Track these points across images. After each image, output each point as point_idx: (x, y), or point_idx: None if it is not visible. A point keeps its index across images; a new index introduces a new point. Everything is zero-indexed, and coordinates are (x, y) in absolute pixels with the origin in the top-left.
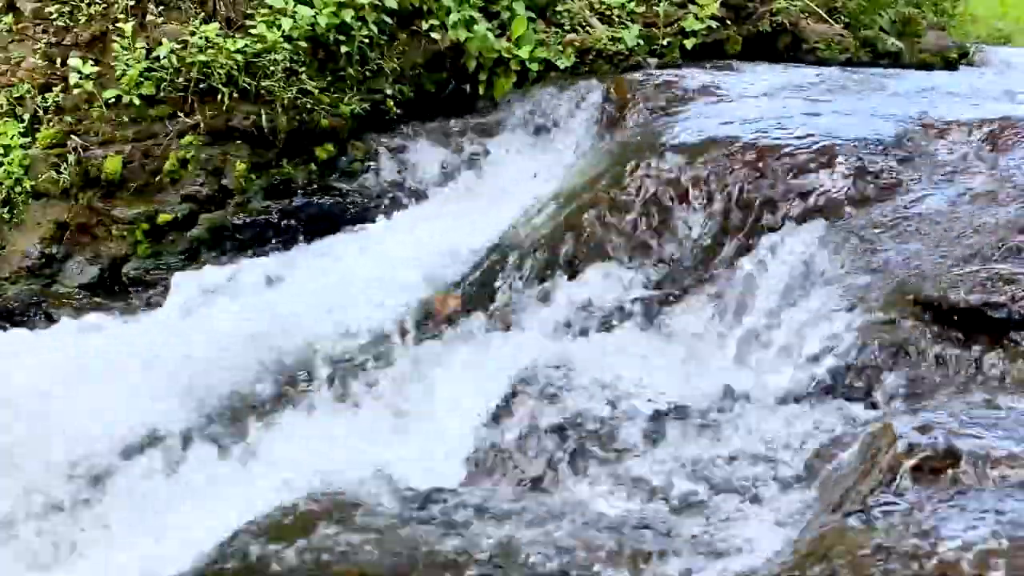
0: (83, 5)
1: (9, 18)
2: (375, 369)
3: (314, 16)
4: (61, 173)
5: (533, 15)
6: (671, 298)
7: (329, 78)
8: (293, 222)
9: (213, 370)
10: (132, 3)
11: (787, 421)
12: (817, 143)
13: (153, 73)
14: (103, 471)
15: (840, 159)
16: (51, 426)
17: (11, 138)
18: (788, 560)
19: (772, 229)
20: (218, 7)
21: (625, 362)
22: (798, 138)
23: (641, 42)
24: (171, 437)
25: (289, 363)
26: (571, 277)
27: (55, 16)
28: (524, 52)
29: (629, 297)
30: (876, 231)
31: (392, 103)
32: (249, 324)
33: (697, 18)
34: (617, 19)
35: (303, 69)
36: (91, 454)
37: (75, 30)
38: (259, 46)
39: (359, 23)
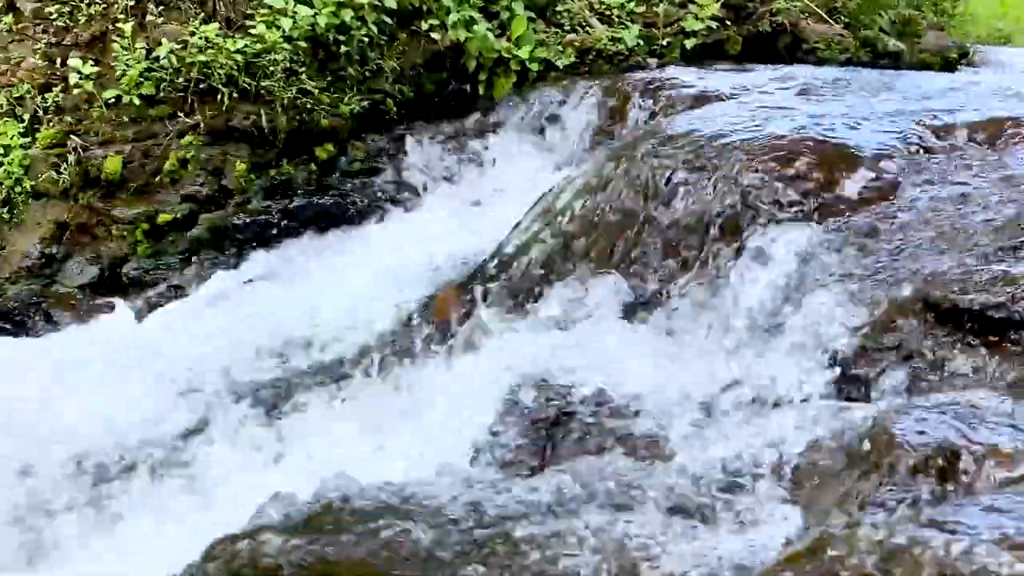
0: (83, 5)
1: (9, 18)
2: (376, 368)
3: (314, 16)
4: (61, 173)
5: (533, 15)
6: (670, 298)
7: (329, 78)
8: (293, 222)
9: (209, 371)
10: (132, 3)
11: (786, 421)
12: (817, 142)
13: (153, 73)
14: (109, 469)
15: (840, 158)
16: (58, 424)
17: (11, 138)
18: (785, 559)
19: (771, 228)
20: (218, 7)
21: (624, 362)
22: (798, 137)
23: (641, 42)
24: (173, 435)
25: (287, 364)
26: (571, 277)
27: (55, 16)
28: (524, 52)
29: (628, 297)
30: (876, 231)
31: (392, 103)
32: (246, 324)
33: (697, 18)
34: (617, 19)
35: (303, 69)
36: (96, 452)
37: (75, 30)
38: (259, 46)
39: (359, 23)
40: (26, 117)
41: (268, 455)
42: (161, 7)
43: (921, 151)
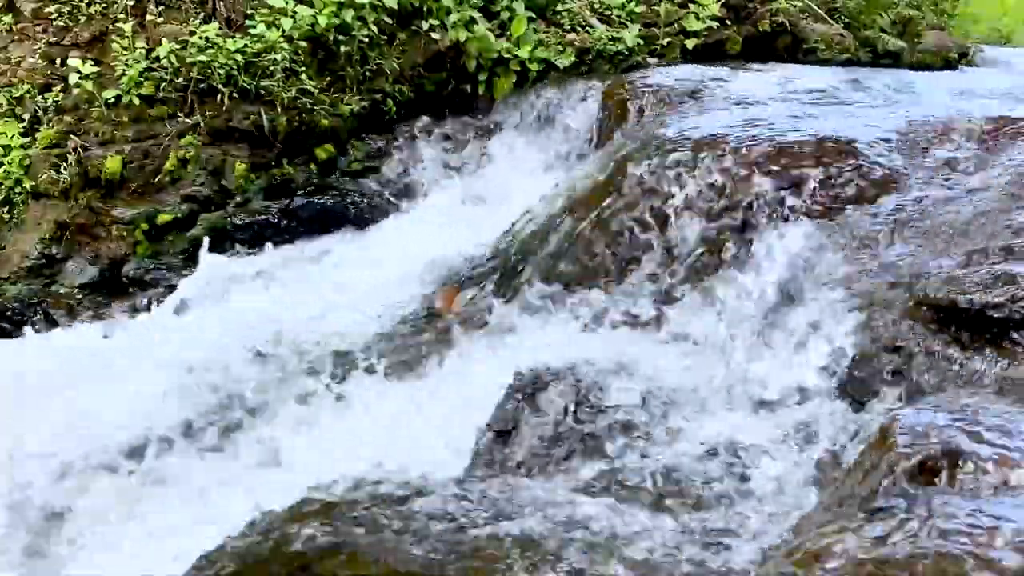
0: (83, 5)
1: (9, 18)
2: (376, 366)
3: (314, 16)
4: (61, 173)
5: (533, 15)
6: (671, 298)
7: (329, 78)
8: (293, 222)
9: (212, 369)
10: (132, 3)
11: (787, 421)
12: (817, 142)
13: (153, 73)
14: (104, 471)
15: (840, 158)
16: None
17: (11, 138)
18: (785, 559)
19: (772, 228)
20: (218, 7)
21: (625, 362)
22: (798, 136)
23: (641, 42)
24: (173, 434)
25: (289, 362)
26: (572, 277)
27: (55, 16)
28: (524, 52)
29: (630, 297)
30: (876, 231)
31: (392, 103)
32: (248, 323)
33: (698, 18)
34: (617, 19)
35: (303, 69)
36: (92, 454)
37: (75, 30)
38: (259, 46)
39: (359, 23)
40: (26, 117)
41: (267, 453)
42: (161, 7)
43: (922, 151)
